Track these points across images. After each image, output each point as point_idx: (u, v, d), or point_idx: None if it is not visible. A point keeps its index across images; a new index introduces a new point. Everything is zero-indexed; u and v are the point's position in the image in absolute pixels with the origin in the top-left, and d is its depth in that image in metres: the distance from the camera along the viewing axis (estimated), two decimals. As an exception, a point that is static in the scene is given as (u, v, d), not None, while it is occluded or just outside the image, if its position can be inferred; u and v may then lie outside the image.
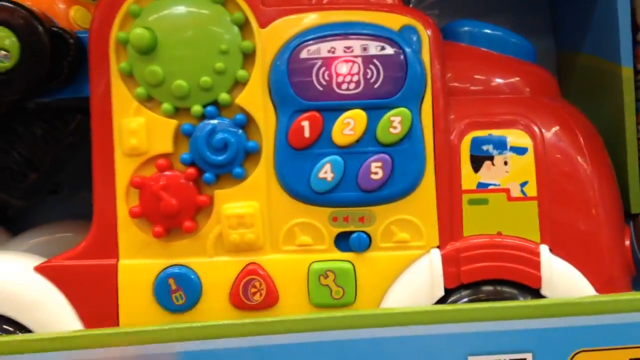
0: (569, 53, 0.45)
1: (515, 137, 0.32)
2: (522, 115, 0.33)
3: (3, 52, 0.31)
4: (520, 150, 0.32)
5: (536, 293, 0.32)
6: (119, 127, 0.32)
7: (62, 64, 0.32)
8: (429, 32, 0.32)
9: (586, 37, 0.43)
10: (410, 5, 0.48)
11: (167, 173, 0.32)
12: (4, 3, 0.32)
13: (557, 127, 0.33)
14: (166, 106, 0.32)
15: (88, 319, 0.32)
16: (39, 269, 0.32)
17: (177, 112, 0.32)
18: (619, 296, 0.30)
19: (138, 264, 0.32)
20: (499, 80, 0.34)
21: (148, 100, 0.32)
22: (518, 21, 0.48)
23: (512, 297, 0.32)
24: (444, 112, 0.32)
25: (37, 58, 0.31)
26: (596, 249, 0.32)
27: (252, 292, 0.32)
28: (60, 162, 0.41)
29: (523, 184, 0.32)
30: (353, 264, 0.32)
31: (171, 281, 0.32)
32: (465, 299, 0.32)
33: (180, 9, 0.31)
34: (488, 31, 0.36)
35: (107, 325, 0.32)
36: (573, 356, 0.30)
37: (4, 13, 0.31)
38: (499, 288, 0.32)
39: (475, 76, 0.34)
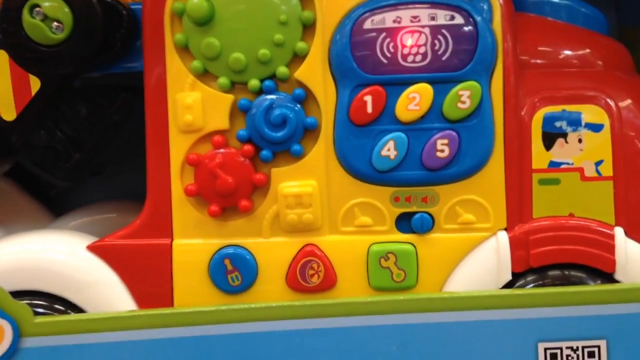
0: (633, 28, 0.43)
1: (591, 113, 0.31)
2: (597, 90, 0.31)
3: (56, 24, 0.30)
4: (595, 127, 0.30)
5: (608, 278, 0.31)
6: (174, 102, 0.31)
7: (115, 36, 0.32)
8: (500, 0, 0.30)
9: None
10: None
11: (223, 150, 0.31)
12: (55, -27, 0.31)
13: (636, 103, 0.31)
14: (223, 80, 0.31)
15: (141, 299, 0.32)
16: (92, 248, 0.32)
17: (234, 86, 0.31)
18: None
19: (193, 243, 0.32)
20: (569, 53, 0.33)
21: (204, 74, 0.31)
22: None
23: (580, 282, 0.31)
24: (515, 87, 0.30)
25: (90, 30, 0.31)
26: (675, 232, 0.31)
27: (310, 273, 0.31)
28: (104, 142, 0.41)
29: (598, 163, 0.30)
30: (415, 246, 0.31)
31: (227, 262, 0.31)
32: (531, 285, 0.31)
33: (238, -22, 0.30)
34: (556, 0, 0.34)
35: (161, 305, 0.31)
36: (648, 343, 0.29)
37: (56, -17, 0.30)
38: (566, 272, 0.31)
39: (544, 48, 0.33)
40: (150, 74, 0.31)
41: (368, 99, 0.30)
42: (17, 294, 0.31)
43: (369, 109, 0.30)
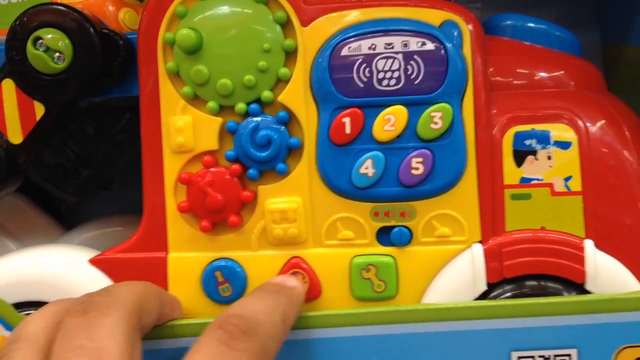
0: (615, 45, 0.45)
1: (559, 131, 0.32)
2: (565, 109, 0.32)
3: (57, 54, 0.33)
4: (564, 145, 0.32)
5: (580, 288, 0.32)
6: (167, 125, 0.33)
7: (113, 65, 0.33)
8: (470, 26, 0.32)
9: (632, 29, 0.42)
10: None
11: (212, 169, 0.33)
12: (57, 7, 0.33)
13: (602, 121, 0.32)
14: (211, 104, 0.33)
15: (139, 310, 0.33)
16: (94, 262, 0.34)
17: (222, 110, 0.33)
18: (666, 292, 0.30)
19: (186, 256, 0.33)
20: (542, 74, 0.34)
21: (194, 99, 0.33)
22: (563, 13, 0.47)
23: (556, 292, 0.32)
24: (486, 107, 0.32)
25: (89, 59, 0.33)
26: (643, 243, 0.32)
27: (296, 285, 0.33)
28: (111, 159, 0.43)
29: (567, 179, 0.32)
30: (394, 258, 0.33)
31: (218, 274, 0.33)
32: (509, 294, 0.32)
33: (225, 9, 0.32)
34: (531, 25, 0.35)
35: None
36: (618, 352, 0.30)
37: (58, 16, 0.33)
38: (542, 283, 0.32)
39: (519, 70, 0.34)
40: (145, 99, 0.33)
41: (347, 120, 0.32)
42: (26, 304, 0.34)
43: (348, 130, 0.32)
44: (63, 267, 0.34)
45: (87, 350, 0.23)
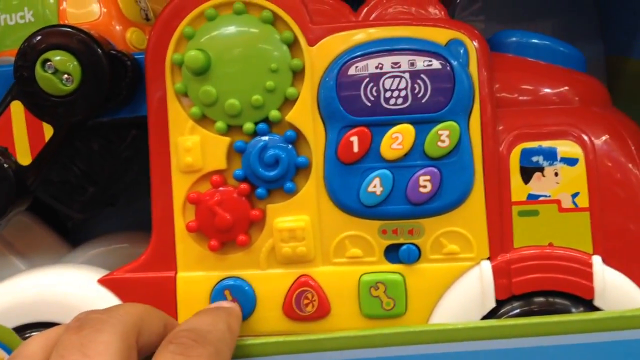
0: (618, 58, 0.45)
1: (566, 147, 0.32)
2: (572, 125, 0.32)
3: (66, 76, 0.33)
4: (571, 161, 0.32)
5: (589, 304, 0.32)
6: (175, 145, 0.33)
7: (121, 85, 0.34)
8: (475, 44, 0.32)
9: (636, 41, 0.42)
10: (456, 13, 0.48)
11: (221, 189, 0.33)
12: (65, 29, 0.33)
13: (608, 136, 0.32)
14: (220, 124, 0.33)
15: (148, 329, 0.33)
16: (103, 282, 0.34)
17: (230, 129, 0.33)
18: (675, 308, 0.30)
19: (195, 276, 0.33)
20: (547, 91, 0.34)
21: (202, 119, 0.33)
22: (565, 26, 0.47)
23: (564, 309, 0.32)
24: (492, 124, 0.32)
25: (97, 80, 0.33)
26: (651, 259, 0.32)
27: (305, 303, 0.33)
28: (117, 176, 0.43)
29: (574, 195, 0.32)
30: (403, 276, 0.33)
31: (227, 293, 0.33)
32: (517, 310, 0.33)
33: (232, 30, 0.32)
34: (536, 41, 0.35)
35: (166, 335, 0.33)
36: (628, 369, 0.30)
37: (65, 38, 0.33)
38: (550, 299, 0.32)
39: (524, 87, 0.34)
40: (154, 119, 0.34)
41: (354, 139, 0.32)
42: (35, 325, 0.34)
43: (356, 149, 0.32)
44: (73, 288, 0.34)
45: None
